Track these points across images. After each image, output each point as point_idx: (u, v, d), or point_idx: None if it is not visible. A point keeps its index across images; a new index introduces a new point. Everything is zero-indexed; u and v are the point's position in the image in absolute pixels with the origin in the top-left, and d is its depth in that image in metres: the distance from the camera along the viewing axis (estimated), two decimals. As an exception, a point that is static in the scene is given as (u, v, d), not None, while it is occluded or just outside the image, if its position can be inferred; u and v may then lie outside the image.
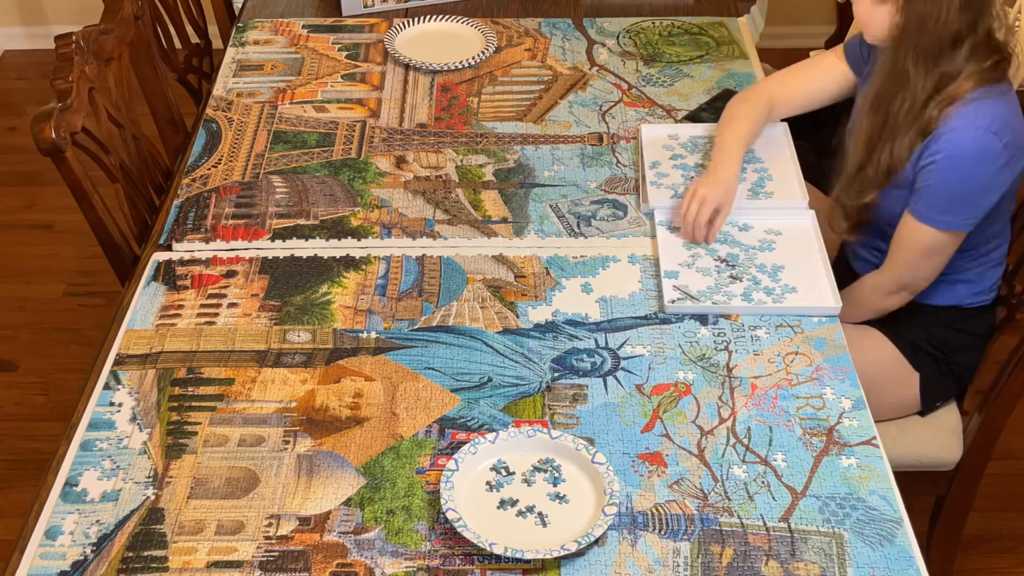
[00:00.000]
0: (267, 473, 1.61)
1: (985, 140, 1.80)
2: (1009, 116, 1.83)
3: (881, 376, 1.97)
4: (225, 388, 1.73)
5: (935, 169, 1.83)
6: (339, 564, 1.49)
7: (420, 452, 1.63)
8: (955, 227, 1.87)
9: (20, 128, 3.80)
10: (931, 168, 1.83)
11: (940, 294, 2.01)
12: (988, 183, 1.84)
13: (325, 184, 2.13)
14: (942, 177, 1.83)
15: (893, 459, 1.90)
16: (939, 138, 1.82)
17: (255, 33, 2.59)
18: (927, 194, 1.86)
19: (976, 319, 2.05)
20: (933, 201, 1.86)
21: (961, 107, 1.81)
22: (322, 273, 1.93)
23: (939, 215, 1.86)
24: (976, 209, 1.86)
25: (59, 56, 2.04)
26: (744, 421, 1.68)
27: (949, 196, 1.84)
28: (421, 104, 2.36)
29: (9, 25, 4.18)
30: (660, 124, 2.27)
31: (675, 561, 1.49)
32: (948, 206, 1.85)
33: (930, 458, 2.05)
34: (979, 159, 1.81)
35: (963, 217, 1.86)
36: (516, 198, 2.10)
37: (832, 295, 1.87)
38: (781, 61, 2.87)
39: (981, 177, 1.83)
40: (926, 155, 1.84)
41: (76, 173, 1.98)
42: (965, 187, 1.84)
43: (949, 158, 1.81)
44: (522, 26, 2.62)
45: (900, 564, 1.50)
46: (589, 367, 1.76)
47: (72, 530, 1.54)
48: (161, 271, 1.94)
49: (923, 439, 2.05)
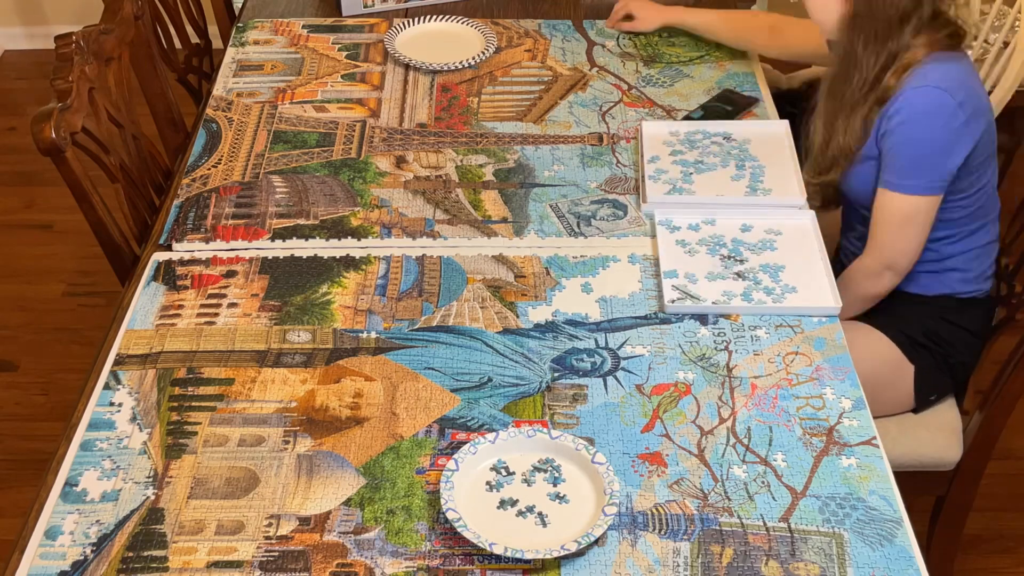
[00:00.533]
0: (267, 473, 1.61)
1: (936, 96, 1.85)
2: (962, 76, 1.88)
3: (877, 371, 1.97)
4: (225, 388, 1.73)
5: (894, 133, 1.89)
6: (339, 564, 1.49)
7: (420, 452, 1.63)
8: (923, 191, 1.91)
9: (20, 128, 3.80)
10: (890, 133, 1.90)
11: (931, 283, 2.04)
12: (948, 141, 1.88)
13: (325, 184, 2.13)
14: (901, 140, 1.89)
15: (893, 459, 1.90)
16: (894, 102, 1.89)
17: (255, 33, 2.59)
18: (890, 161, 1.92)
19: (971, 312, 2.06)
20: (897, 166, 1.91)
21: (913, 72, 1.87)
22: (322, 273, 1.93)
23: (905, 179, 1.91)
24: (940, 169, 1.90)
25: (59, 56, 2.04)
26: (744, 421, 1.68)
27: (911, 158, 1.90)
28: (421, 104, 2.36)
29: (9, 25, 4.18)
30: (661, 121, 2.27)
31: (675, 561, 1.49)
32: (912, 169, 1.90)
33: (930, 458, 2.05)
34: (934, 115, 1.86)
35: (929, 179, 1.90)
36: (516, 198, 2.10)
37: (832, 295, 1.87)
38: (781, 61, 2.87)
39: (940, 135, 1.87)
40: (884, 122, 1.91)
41: (76, 173, 1.98)
42: (925, 148, 1.89)
43: (905, 120, 1.88)
44: (522, 27, 2.62)
45: (900, 564, 1.50)
46: (589, 367, 1.76)
47: (72, 530, 1.54)
48: (161, 271, 1.94)
49: (923, 439, 2.06)
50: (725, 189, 2.07)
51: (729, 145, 2.18)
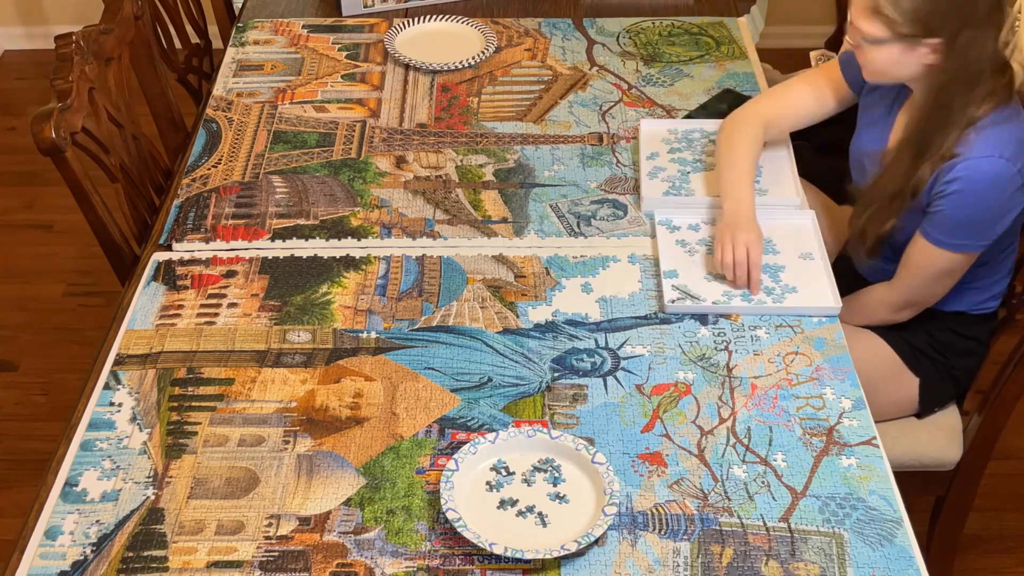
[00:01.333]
0: (267, 473, 1.61)
1: (1000, 167, 1.78)
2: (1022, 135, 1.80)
3: (877, 376, 1.96)
4: (225, 388, 1.73)
5: (950, 196, 1.81)
6: (339, 564, 1.49)
7: (420, 452, 1.63)
8: (968, 249, 1.87)
9: (20, 128, 3.80)
10: (946, 195, 1.81)
11: (948, 301, 2.00)
12: (1003, 208, 1.83)
13: (325, 184, 2.13)
14: (957, 204, 1.81)
15: (893, 459, 1.90)
16: (954, 166, 1.79)
17: (255, 33, 2.59)
18: (940, 219, 1.84)
19: (980, 324, 2.05)
20: (946, 226, 1.84)
21: (976, 133, 1.79)
22: (322, 273, 1.93)
23: (952, 239, 1.85)
24: (989, 232, 1.85)
25: (59, 56, 2.04)
26: (744, 421, 1.68)
27: (963, 222, 1.83)
28: (421, 104, 2.36)
29: (9, 25, 4.18)
30: (659, 120, 2.27)
31: (675, 561, 1.49)
32: (961, 231, 1.84)
33: (930, 458, 2.05)
34: (994, 186, 1.79)
35: (976, 240, 1.86)
36: (516, 198, 2.10)
37: (832, 295, 1.87)
38: (781, 61, 2.87)
39: (996, 203, 1.82)
40: (941, 181, 1.81)
41: (76, 173, 1.98)
42: (979, 213, 1.82)
43: (964, 186, 1.79)
44: (522, 26, 2.62)
45: (900, 564, 1.50)
46: (589, 367, 1.76)
47: (72, 530, 1.54)
48: (161, 271, 1.94)
49: (923, 439, 2.05)
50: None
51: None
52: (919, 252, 1.90)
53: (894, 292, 1.97)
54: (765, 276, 1.90)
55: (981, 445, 2.04)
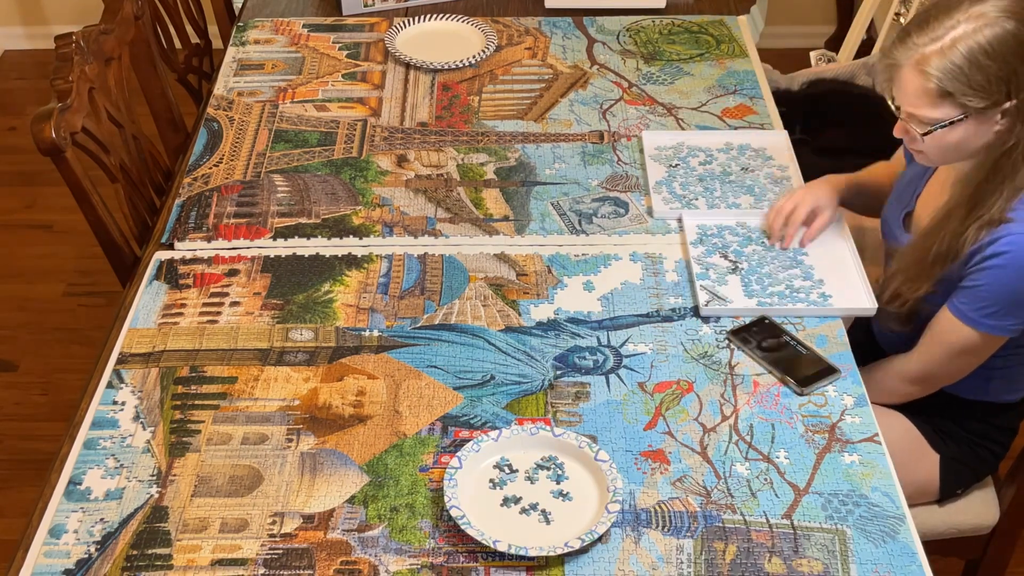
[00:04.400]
0: (271, 471, 1.61)
1: None
2: None
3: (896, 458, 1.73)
4: (228, 386, 1.73)
5: (987, 272, 1.69)
6: (343, 562, 1.49)
7: (423, 450, 1.63)
8: (998, 332, 1.74)
9: (20, 128, 3.80)
10: (984, 269, 1.70)
11: (972, 389, 1.89)
12: None
13: (327, 183, 2.13)
14: (993, 281, 1.69)
15: (931, 529, 1.89)
16: (997, 240, 1.67)
17: (255, 32, 2.59)
18: (974, 295, 1.72)
19: (1007, 413, 1.95)
20: (979, 303, 1.72)
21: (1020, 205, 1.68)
22: (324, 272, 1.93)
23: (983, 318, 1.73)
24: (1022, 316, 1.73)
25: (59, 56, 2.04)
26: (746, 418, 1.68)
27: (998, 301, 1.71)
28: (422, 103, 2.36)
29: (9, 25, 4.18)
30: (662, 131, 2.25)
31: (678, 558, 1.50)
32: (995, 310, 1.72)
33: (969, 524, 1.97)
34: None
35: (1008, 323, 1.73)
36: (517, 196, 2.10)
37: (867, 295, 1.85)
38: (781, 61, 2.87)
39: None
40: (984, 250, 1.69)
41: (76, 173, 1.98)
42: (1017, 296, 1.70)
43: (1006, 264, 1.67)
44: (522, 25, 2.62)
45: (903, 560, 1.50)
46: (591, 365, 1.77)
47: (76, 528, 1.54)
48: (163, 270, 1.94)
49: (960, 506, 1.98)
50: (731, 199, 2.06)
51: (730, 156, 2.17)
52: (944, 325, 1.77)
53: (911, 363, 1.85)
54: (798, 275, 1.89)
55: (1018, 507, 1.97)
